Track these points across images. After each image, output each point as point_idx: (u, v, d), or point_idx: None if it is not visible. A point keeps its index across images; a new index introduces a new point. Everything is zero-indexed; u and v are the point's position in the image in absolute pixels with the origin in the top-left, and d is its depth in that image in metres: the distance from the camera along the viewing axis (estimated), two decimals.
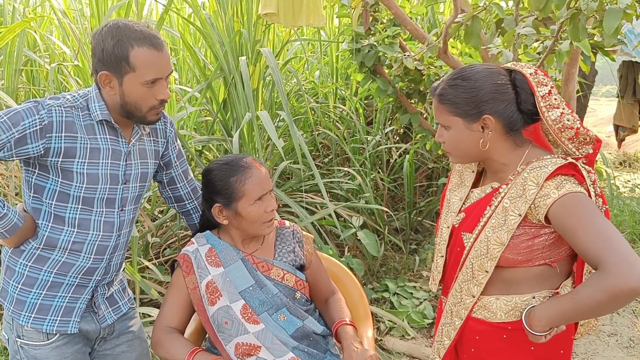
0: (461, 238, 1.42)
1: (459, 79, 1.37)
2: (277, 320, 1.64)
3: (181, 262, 1.69)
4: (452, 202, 1.52)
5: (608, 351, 2.96)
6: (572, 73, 2.65)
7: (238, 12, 3.14)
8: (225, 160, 1.69)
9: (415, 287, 3.46)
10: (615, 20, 1.86)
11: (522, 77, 1.35)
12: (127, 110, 1.49)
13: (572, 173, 1.30)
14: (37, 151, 1.41)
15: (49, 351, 1.54)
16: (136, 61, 1.41)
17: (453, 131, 1.39)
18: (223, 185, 1.63)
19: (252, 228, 1.65)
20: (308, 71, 4.64)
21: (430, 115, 4.09)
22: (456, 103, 1.36)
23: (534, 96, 1.34)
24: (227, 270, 1.66)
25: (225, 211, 1.65)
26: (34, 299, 1.52)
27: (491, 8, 2.27)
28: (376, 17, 3.29)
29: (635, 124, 6.75)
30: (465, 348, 1.48)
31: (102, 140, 1.51)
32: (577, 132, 1.35)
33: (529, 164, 1.34)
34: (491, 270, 1.35)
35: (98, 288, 1.61)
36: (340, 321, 1.70)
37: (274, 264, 1.70)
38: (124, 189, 1.57)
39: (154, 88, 1.46)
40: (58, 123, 1.43)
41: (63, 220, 1.50)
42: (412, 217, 4.04)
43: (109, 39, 1.41)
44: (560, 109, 1.34)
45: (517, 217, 1.31)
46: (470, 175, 1.53)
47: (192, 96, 3.33)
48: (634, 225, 4.35)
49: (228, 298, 1.62)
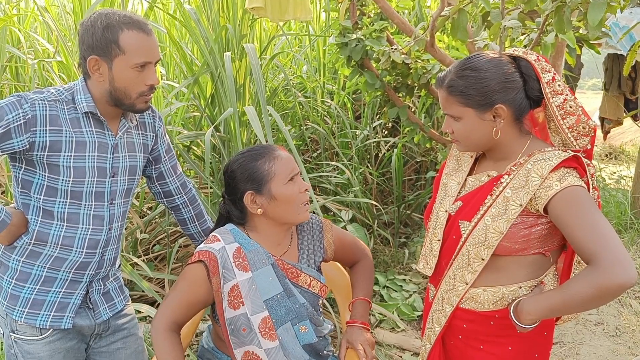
0: (458, 226, 1.43)
1: (467, 70, 1.37)
2: (298, 332, 1.60)
3: (207, 262, 1.55)
4: (450, 187, 1.52)
5: (595, 340, 3.00)
6: (558, 65, 2.68)
7: (224, 7, 3.13)
8: (246, 149, 1.63)
9: (405, 280, 3.48)
10: (599, 13, 1.88)
11: (527, 64, 1.37)
12: (115, 98, 1.48)
13: (574, 166, 1.32)
14: (22, 145, 1.41)
15: (42, 346, 1.53)
16: (126, 44, 1.42)
17: (465, 122, 1.39)
18: (251, 170, 1.56)
19: (289, 212, 1.57)
20: (296, 66, 4.63)
21: (418, 108, 4.10)
22: (467, 94, 1.36)
23: (539, 82, 1.36)
24: (255, 274, 1.56)
25: (258, 198, 1.57)
26: (28, 294, 1.52)
27: (477, 1, 2.28)
28: (363, 11, 3.29)
29: (620, 116, 6.83)
30: (452, 335, 1.50)
31: (87, 134, 1.50)
32: (578, 118, 1.36)
33: (531, 156, 1.35)
34: (487, 258, 1.36)
35: (93, 283, 1.60)
36: (354, 300, 1.75)
37: (302, 270, 1.63)
38: (112, 182, 1.56)
39: (143, 73, 1.46)
40: (42, 117, 1.42)
41: (52, 214, 1.50)
42: (401, 211, 4.06)
43: (99, 24, 1.42)
44: (564, 95, 1.36)
45: (518, 207, 1.32)
46: (468, 160, 1.54)
47: (179, 92, 3.31)
48: (619, 216, 4.41)
49: (250, 309, 1.55)
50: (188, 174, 3.39)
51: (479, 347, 1.46)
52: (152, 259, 3.11)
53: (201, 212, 1.89)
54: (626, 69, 3.63)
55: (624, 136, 8.49)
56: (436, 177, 1.62)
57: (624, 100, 6.77)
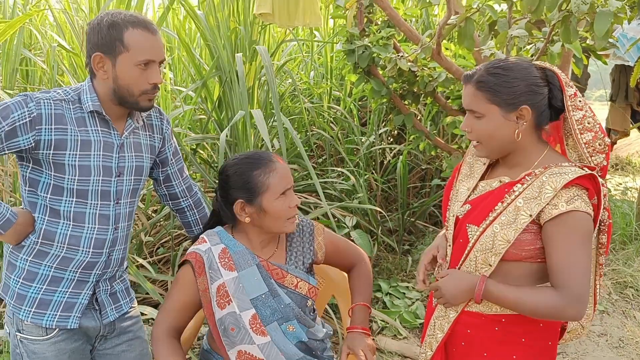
0: (465, 230, 1.43)
1: (499, 69, 1.39)
2: (286, 331, 1.61)
3: (193, 262, 1.59)
4: (460, 192, 1.53)
5: (598, 351, 2.99)
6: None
7: (234, 12, 3.15)
8: (244, 155, 1.63)
9: (408, 288, 3.47)
10: (606, 23, 1.89)
11: (553, 75, 1.40)
12: (119, 95, 1.50)
13: (587, 187, 1.34)
14: (28, 143, 1.43)
15: (47, 346, 1.54)
16: (130, 41, 1.45)
17: (488, 119, 1.40)
18: (246, 179, 1.57)
19: (275, 225, 1.59)
20: (303, 72, 4.66)
21: (423, 116, 4.11)
22: (497, 91, 1.37)
23: (562, 93, 1.38)
24: (241, 274, 1.59)
25: (248, 207, 1.58)
26: (35, 294, 1.53)
27: (484, 10, 2.29)
28: (370, 18, 3.31)
29: (627, 127, 6.81)
30: (455, 342, 1.50)
31: (93, 133, 1.51)
32: (595, 135, 1.39)
33: (547, 168, 1.37)
34: (495, 264, 1.37)
35: (100, 283, 1.61)
36: (353, 306, 1.74)
37: (288, 271, 1.64)
38: (118, 181, 1.57)
39: (146, 71, 1.48)
40: (47, 115, 1.44)
41: (58, 213, 1.51)
42: (405, 218, 4.06)
43: (104, 22, 1.46)
44: (583, 111, 1.39)
45: (528, 218, 1.34)
46: (480, 167, 1.55)
47: (186, 95, 3.33)
48: (624, 227, 4.40)
49: (238, 306, 1.57)
50: (194, 177, 3.40)
51: (483, 355, 1.45)
52: (156, 261, 3.12)
53: (205, 216, 1.90)
54: (633, 80, 3.63)
55: (631, 147, 8.46)
56: (446, 185, 1.62)
57: (631, 112, 6.75)
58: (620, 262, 3.93)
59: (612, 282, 3.69)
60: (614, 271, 3.83)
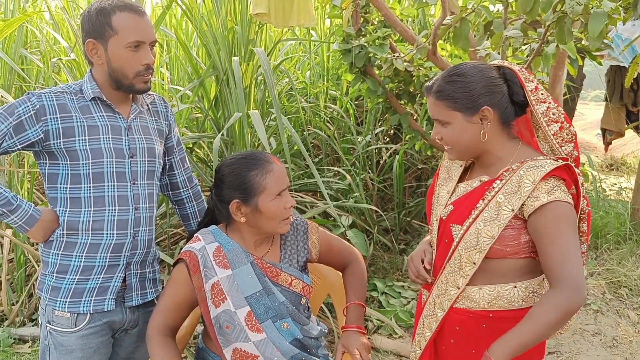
0: (450, 230, 1.45)
1: (454, 76, 1.42)
2: (280, 328, 1.62)
3: (188, 261, 1.60)
4: (441, 196, 1.56)
5: (592, 350, 3.00)
6: (559, 76, 2.70)
7: (231, 12, 3.16)
8: (242, 155, 1.64)
9: (404, 287, 3.49)
10: (600, 24, 1.91)
11: (511, 72, 1.43)
12: (115, 79, 1.56)
13: (564, 177, 1.36)
14: (37, 135, 1.50)
15: (74, 339, 1.59)
16: (118, 24, 1.51)
17: (453, 126, 1.43)
18: (242, 179, 1.58)
19: (270, 226, 1.61)
20: (299, 71, 4.66)
21: (420, 116, 4.12)
22: (455, 98, 1.41)
23: (523, 89, 1.41)
24: (235, 272, 1.60)
25: (243, 207, 1.59)
26: (69, 285, 1.59)
27: (480, 11, 2.30)
28: (367, 18, 3.32)
29: (621, 127, 6.83)
30: (444, 340, 1.51)
31: (98, 118, 1.59)
32: (561, 125, 1.42)
33: (523, 162, 1.39)
34: (479, 262, 1.39)
35: (131, 266, 1.65)
36: (348, 305, 1.75)
37: (283, 270, 1.66)
38: (132, 162, 1.62)
39: (138, 53, 1.54)
40: (50, 106, 1.52)
41: (79, 201, 1.57)
42: (401, 217, 4.07)
43: (93, 10, 1.53)
44: (547, 103, 1.42)
45: (510, 212, 1.36)
46: (457, 169, 1.58)
47: (183, 94, 3.33)
48: (618, 227, 4.42)
49: (233, 303, 1.58)
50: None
51: (471, 352, 1.46)
52: None
53: (204, 209, 1.93)
54: (628, 81, 3.65)
55: (626, 148, 8.51)
56: (429, 190, 1.65)
57: (626, 112, 6.78)
58: (614, 261, 3.95)
59: (606, 281, 3.71)
60: (608, 271, 3.85)
